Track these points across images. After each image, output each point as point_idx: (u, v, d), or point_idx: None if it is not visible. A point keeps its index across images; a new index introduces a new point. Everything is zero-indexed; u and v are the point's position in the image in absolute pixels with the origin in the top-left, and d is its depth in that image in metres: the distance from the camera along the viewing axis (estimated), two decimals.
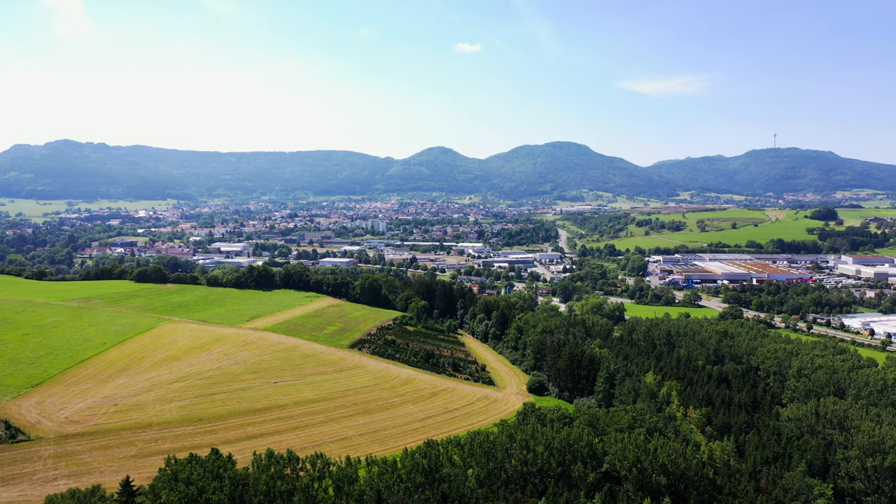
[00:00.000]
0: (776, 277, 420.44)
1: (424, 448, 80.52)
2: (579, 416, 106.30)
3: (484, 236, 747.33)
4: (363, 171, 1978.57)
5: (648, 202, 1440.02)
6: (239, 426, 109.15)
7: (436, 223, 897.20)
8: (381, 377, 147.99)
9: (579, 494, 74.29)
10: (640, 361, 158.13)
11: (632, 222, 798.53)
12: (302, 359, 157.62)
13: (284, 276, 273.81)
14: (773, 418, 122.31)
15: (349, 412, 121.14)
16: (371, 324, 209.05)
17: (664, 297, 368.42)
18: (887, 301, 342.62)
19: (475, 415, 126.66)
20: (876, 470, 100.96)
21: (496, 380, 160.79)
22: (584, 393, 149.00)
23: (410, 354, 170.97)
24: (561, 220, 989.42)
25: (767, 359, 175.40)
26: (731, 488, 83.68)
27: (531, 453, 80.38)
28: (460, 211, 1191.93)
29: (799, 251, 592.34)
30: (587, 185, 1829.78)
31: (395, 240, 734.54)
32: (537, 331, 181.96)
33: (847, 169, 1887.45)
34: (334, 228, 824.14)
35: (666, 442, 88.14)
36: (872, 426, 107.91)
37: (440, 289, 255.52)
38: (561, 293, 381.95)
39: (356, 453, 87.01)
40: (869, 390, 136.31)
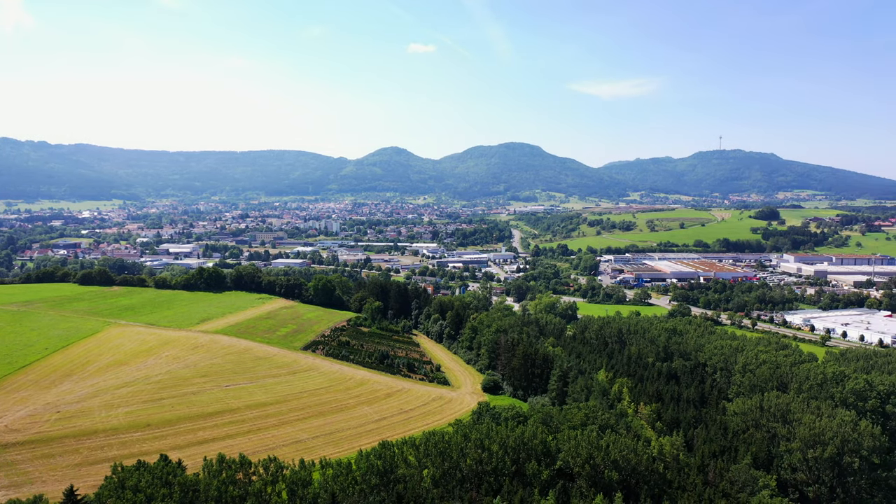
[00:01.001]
0: (722, 276, 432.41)
1: (379, 449, 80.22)
2: (533, 415, 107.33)
3: (438, 237, 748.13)
4: (316, 172, 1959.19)
5: (600, 202, 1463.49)
6: (189, 431, 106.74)
7: (390, 224, 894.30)
8: (335, 379, 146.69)
9: (533, 492, 75.02)
10: (593, 359, 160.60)
11: (584, 222, 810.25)
12: (254, 361, 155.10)
13: (236, 278, 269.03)
14: (720, 413, 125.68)
15: (303, 415, 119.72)
16: (325, 325, 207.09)
17: (615, 296, 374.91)
18: (826, 298, 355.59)
19: (430, 415, 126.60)
20: (816, 461, 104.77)
21: (451, 380, 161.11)
22: (537, 391, 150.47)
23: (365, 355, 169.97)
24: (514, 220, 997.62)
25: (714, 355, 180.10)
26: (681, 482, 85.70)
27: (486, 452, 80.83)
28: (415, 211, 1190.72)
29: (744, 250, 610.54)
30: (540, 185, 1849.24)
31: (349, 240, 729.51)
32: (492, 330, 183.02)
33: (788, 170, 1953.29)
34: (287, 229, 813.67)
35: (618, 438, 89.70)
36: (813, 419, 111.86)
37: (395, 289, 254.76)
38: (515, 293, 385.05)
39: (310, 456, 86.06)
40: (810, 384, 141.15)
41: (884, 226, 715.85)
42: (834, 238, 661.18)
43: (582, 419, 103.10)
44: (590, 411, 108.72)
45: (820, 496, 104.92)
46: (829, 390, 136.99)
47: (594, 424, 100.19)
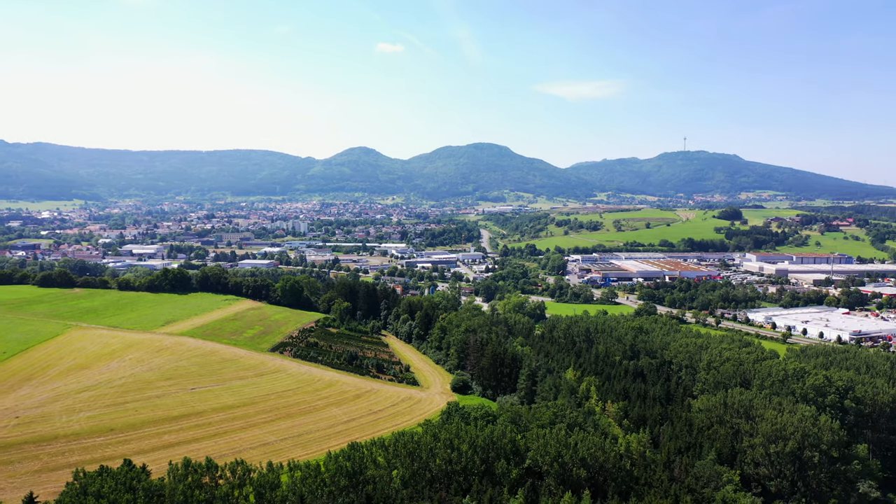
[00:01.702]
0: (687, 275, 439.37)
1: (348, 451, 79.80)
2: (502, 414, 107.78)
3: (407, 237, 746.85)
4: (283, 171, 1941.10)
5: (567, 203, 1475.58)
6: (154, 435, 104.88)
7: (358, 224, 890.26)
8: (303, 380, 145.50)
9: (503, 491, 75.37)
10: (561, 358, 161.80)
11: (552, 222, 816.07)
12: (221, 363, 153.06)
13: (201, 279, 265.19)
14: (686, 410, 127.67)
15: (271, 417, 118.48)
16: (293, 326, 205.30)
17: (583, 295, 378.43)
18: (787, 296, 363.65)
19: (400, 415, 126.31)
20: (778, 455, 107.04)
21: (420, 380, 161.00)
22: (506, 391, 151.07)
23: (333, 356, 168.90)
24: (483, 220, 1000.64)
25: (680, 353, 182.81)
26: (647, 478, 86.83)
27: (455, 452, 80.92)
28: (383, 211, 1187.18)
29: (708, 249, 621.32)
30: (508, 185, 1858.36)
31: (317, 241, 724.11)
32: (461, 330, 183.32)
33: (750, 171, 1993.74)
34: (254, 230, 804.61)
35: (586, 436, 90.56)
36: (775, 414, 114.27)
37: (363, 290, 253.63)
38: (484, 293, 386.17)
39: (278, 458, 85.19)
40: (772, 380, 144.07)
41: (841, 225, 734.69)
42: (794, 237, 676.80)
43: (550, 418, 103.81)
44: (558, 410, 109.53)
45: (782, 490, 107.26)
46: (790, 386, 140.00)
47: (562, 423, 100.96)
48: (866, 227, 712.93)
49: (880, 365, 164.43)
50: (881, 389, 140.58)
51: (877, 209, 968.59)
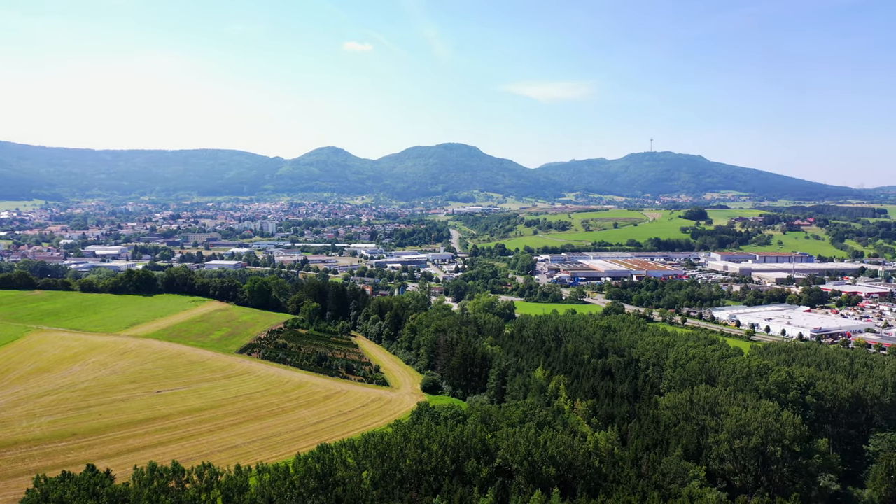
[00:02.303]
0: (654, 274, 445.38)
1: (318, 452, 79.26)
2: (472, 414, 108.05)
3: (377, 237, 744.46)
4: (251, 171, 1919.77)
5: (536, 203, 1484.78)
6: (118, 439, 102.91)
7: (327, 224, 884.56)
8: (272, 382, 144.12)
9: (473, 490, 75.53)
10: (530, 357, 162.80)
11: (521, 222, 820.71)
12: (187, 366, 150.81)
13: (167, 280, 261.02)
14: (653, 407, 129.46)
15: (239, 419, 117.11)
16: (261, 328, 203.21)
17: (552, 295, 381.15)
18: (751, 294, 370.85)
19: (369, 416, 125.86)
20: (743, 451, 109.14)
21: (390, 380, 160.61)
22: (476, 390, 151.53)
23: (302, 358, 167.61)
24: (453, 220, 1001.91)
25: (647, 351, 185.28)
26: (616, 475, 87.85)
27: (426, 452, 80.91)
28: (352, 212, 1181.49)
29: (674, 249, 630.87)
30: (478, 185, 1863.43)
31: (286, 241, 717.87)
32: (430, 330, 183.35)
33: (715, 172, 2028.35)
34: (221, 230, 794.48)
35: (555, 434, 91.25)
36: (739, 410, 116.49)
37: (332, 290, 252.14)
38: (453, 292, 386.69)
39: (246, 461, 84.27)
40: (736, 377, 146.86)
41: (802, 225, 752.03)
42: (757, 237, 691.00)
43: (520, 416, 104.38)
44: (528, 408, 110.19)
45: (746, 485, 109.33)
46: (754, 383, 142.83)
47: (532, 421, 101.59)
48: (826, 227, 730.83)
49: (840, 361, 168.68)
50: (841, 385, 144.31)
51: (836, 209, 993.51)
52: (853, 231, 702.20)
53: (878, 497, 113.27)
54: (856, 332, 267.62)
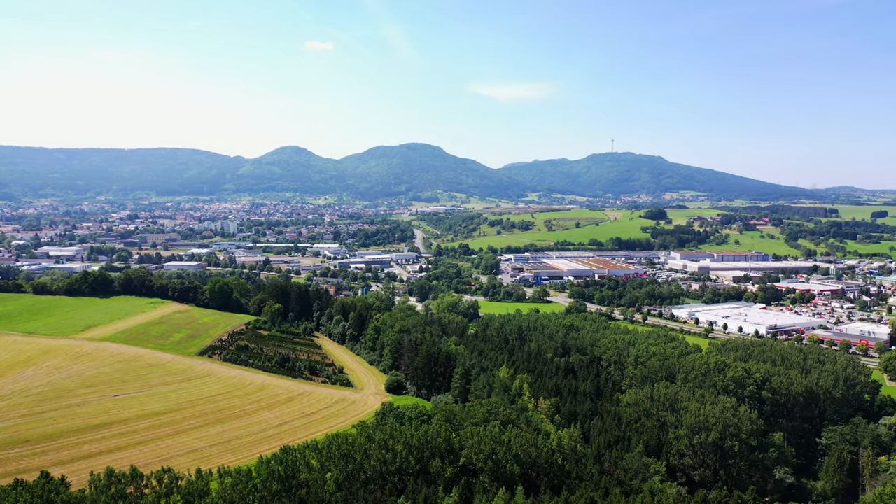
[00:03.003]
0: (615, 273, 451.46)
1: (280, 455, 78.54)
2: (437, 413, 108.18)
3: (340, 237, 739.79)
4: (211, 171, 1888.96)
5: (500, 203, 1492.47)
6: (73, 445, 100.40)
7: (290, 224, 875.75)
8: (233, 384, 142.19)
9: (438, 490, 75.65)
10: (494, 356, 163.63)
11: (484, 222, 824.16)
12: (146, 369, 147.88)
13: (125, 282, 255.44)
14: (615, 404, 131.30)
15: (199, 423, 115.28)
16: (222, 329, 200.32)
17: (515, 294, 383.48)
18: (709, 293, 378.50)
19: (333, 417, 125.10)
20: (702, 446, 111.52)
21: (354, 381, 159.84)
22: (441, 390, 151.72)
23: (265, 359, 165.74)
24: (416, 220, 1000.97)
25: (609, 349, 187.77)
26: (579, 472, 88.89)
27: (390, 452, 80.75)
28: (315, 212, 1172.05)
29: (635, 248, 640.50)
30: (441, 185, 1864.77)
31: (247, 242, 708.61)
32: (395, 330, 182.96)
33: (674, 173, 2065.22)
34: (180, 230, 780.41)
35: (519, 433, 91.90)
36: (698, 406, 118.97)
37: (295, 291, 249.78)
38: (418, 292, 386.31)
39: (207, 465, 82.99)
40: (695, 374, 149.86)
41: (758, 224, 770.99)
42: (715, 236, 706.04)
43: (484, 415, 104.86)
44: (492, 407, 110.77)
45: (705, 479, 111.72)
46: (712, 379, 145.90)
47: (496, 420, 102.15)
48: (781, 226, 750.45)
49: (794, 357, 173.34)
50: (795, 380, 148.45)
51: (790, 209, 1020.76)
52: (806, 230, 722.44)
53: (830, 488, 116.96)
54: (809, 329, 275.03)
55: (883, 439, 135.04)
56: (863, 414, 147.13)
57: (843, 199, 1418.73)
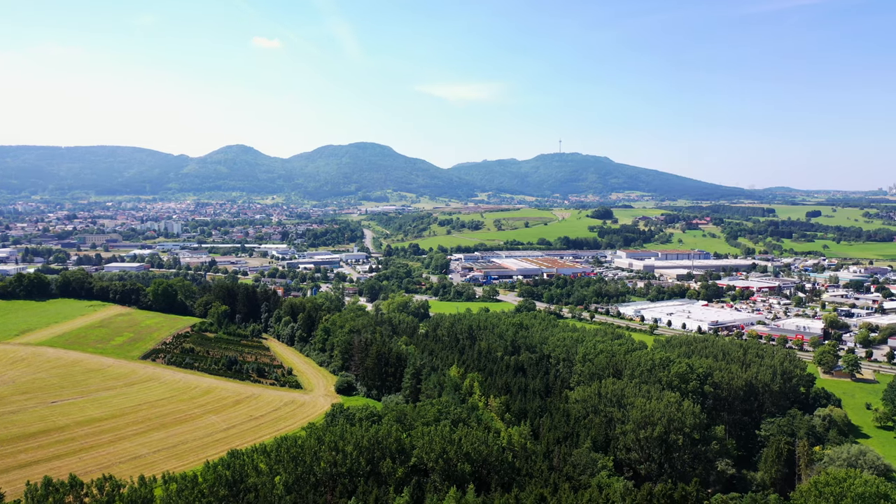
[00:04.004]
0: (564, 272, 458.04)
1: (228, 459, 77.20)
2: (387, 413, 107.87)
3: (288, 237, 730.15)
4: (154, 170, 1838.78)
5: (450, 203, 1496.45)
6: (8, 454, 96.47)
7: (237, 224, 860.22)
8: (178, 388, 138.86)
9: (388, 490, 75.47)
10: (445, 356, 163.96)
11: (434, 222, 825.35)
12: (85, 374, 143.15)
13: (62, 284, 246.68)
14: (563, 401, 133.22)
15: (142, 428, 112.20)
16: (166, 332, 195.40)
17: (466, 294, 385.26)
18: (654, 290, 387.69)
19: (282, 420, 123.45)
20: (647, 440, 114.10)
21: (303, 383, 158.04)
22: (391, 390, 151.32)
23: (211, 362, 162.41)
24: (366, 220, 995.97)
25: (557, 347, 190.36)
26: (528, 469, 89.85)
27: (340, 454, 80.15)
28: (263, 211, 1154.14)
29: (582, 247, 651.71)
30: (391, 185, 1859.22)
31: (192, 242, 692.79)
32: (345, 331, 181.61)
33: (620, 173, 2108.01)
34: (122, 231, 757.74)
35: (469, 431, 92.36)
36: (644, 401, 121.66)
37: (242, 292, 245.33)
38: (368, 293, 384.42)
39: (151, 472, 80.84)
40: (641, 370, 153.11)
41: (700, 224, 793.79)
42: (660, 235, 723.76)
43: (435, 415, 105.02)
44: (442, 406, 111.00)
45: (650, 472, 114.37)
46: (658, 375, 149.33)
47: (447, 419, 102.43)
48: (721, 226, 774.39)
49: (734, 352, 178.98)
50: (735, 375, 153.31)
51: (730, 209, 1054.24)
52: (746, 229, 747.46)
53: (768, 479, 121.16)
54: (748, 325, 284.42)
55: (817, 430, 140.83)
56: (799, 406, 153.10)
57: (780, 200, 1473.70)
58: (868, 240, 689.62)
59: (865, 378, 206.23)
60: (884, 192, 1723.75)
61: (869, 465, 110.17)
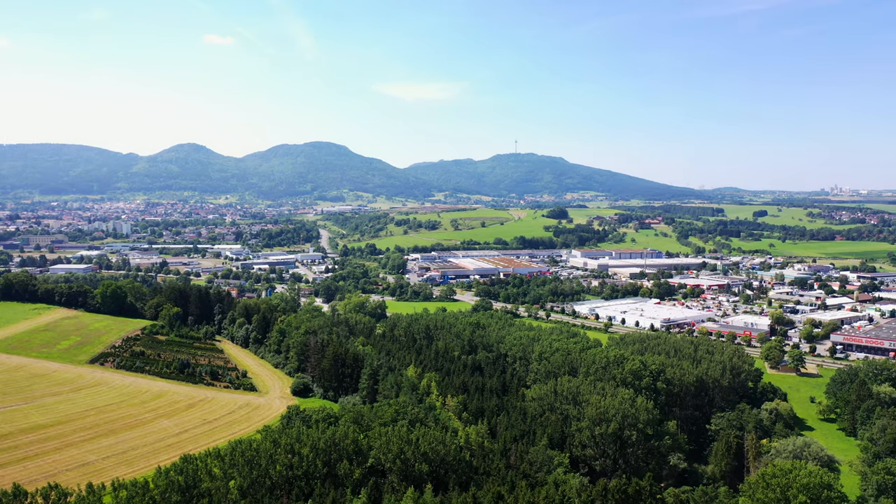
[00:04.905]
0: (520, 271, 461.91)
1: (180, 464, 75.64)
2: (344, 415, 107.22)
3: (242, 238, 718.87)
4: (102, 168, 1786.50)
5: (406, 202, 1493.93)
6: None
7: (189, 224, 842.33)
8: (128, 393, 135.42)
9: (346, 492, 74.99)
10: (402, 356, 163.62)
11: (391, 222, 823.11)
12: (29, 379, 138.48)
13: (4, 287, 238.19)
14: (520, 399, 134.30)
15: (90, 434, 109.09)
16: (115, 335, 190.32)
17: (423, 293, 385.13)
18: (608, 289, 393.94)
19: (237, 423, 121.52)
20: (602, 436, 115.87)
21: (259, 385, 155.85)
22: (348, 391, 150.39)
23: (163, 366, 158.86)
24: (322, 220, 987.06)
25: (514, 346, 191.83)
26: (486, 468, 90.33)
27: (296, 456, 79.33)
28: (216, 211, 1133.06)
29: (538, 247, 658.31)
30: (347, 185, 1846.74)
31: (143, 243, 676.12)
32: (300, 332, 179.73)
33: (575, 173, 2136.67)
34: (68, 232, 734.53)
35: (427, 431, 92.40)
36: (599, 398, 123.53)
37: (195, 293, 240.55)
38: (324, 293, 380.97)
39: (100, 479, 78.74)
40: (596, 367, 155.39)
41: (652, 223, 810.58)
42: (613, 234, 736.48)
43: (392, 415, 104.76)
44: (400, 407, 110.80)
45: (605, 468, 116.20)
46: (612, 372, 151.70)
47: (404, 419, 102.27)
48: (673, 225, 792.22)
49: (686, 349, 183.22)
50: (687, 371, 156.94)
51: (681, 209, 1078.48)
52: (696, 229, 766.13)
53: (719, 472, 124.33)
54: (699, 322, 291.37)
55: (765, 423, 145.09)
56: (747, 400, 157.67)
57: (729, 200, 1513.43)
58: (811, 239, 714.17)
59: (810, 372, 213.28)
60: (826, 192, 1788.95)
61: (813, 457, 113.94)
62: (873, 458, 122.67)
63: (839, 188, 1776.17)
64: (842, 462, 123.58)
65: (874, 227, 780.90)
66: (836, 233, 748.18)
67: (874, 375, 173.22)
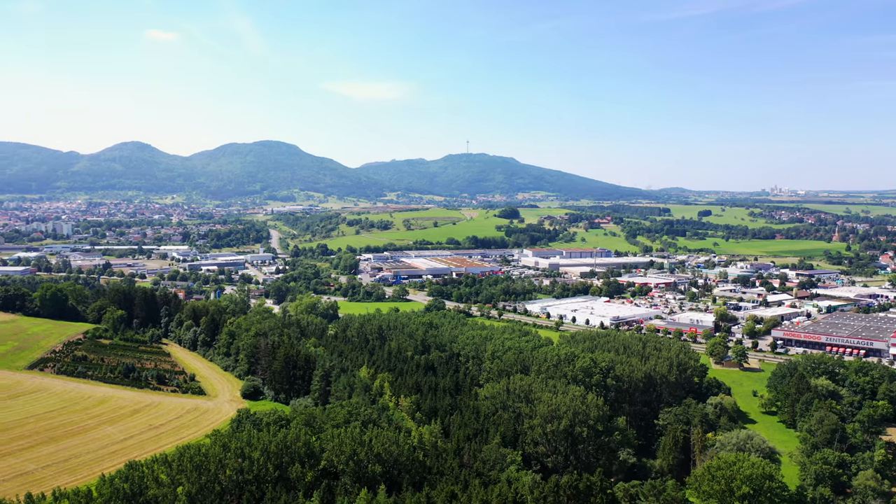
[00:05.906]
0: (472, 271, 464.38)
1: (126, 471, 73.65)
2: (296, 417, 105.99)
3: (190, 238, 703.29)
4: (40, 167, 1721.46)
5: (358, 202, 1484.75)
6: None
7: (134, 225, 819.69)
8: (69, 399, 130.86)
9: (298, 495, 74.17)
10: (355, 357, 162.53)
11: (343, 222, 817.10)
12: None
13: None
14: (473, 398, 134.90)
15: (29, 443, 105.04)
16: (55, 340, 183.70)
17: (375, 294, 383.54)
18: (559, 288, 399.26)
19: (185, 428, 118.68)
20: (554, 434, 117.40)
21: (207, 389, 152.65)
22: (300, 393, 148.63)
23: (106, 370, 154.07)
24: (272, 220, 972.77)
25: (467, 345, 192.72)
26: (439, 467, 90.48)
27: (247, 461, 78.07)
28: (162, 211, 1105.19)
29: (490, 246, 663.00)
30: (298, 185, 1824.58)
31: (85, 244, 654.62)
32: (250, 334, 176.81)
33: (526, 174, 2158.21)
34: (4, 232, 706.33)
35: (380, 432, 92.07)
36: (550, 396, 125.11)
37: (140, 296, 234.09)
38: (275, 294, 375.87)
39: (40, 488, 75.91)
40: (547, 365, 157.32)
41: (602, 223, 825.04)
42: (564, 234, 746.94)
43: (345, 417, 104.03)
44: (353, 408, 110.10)
45: (557, 465, 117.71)
46: (563, 369, 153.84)
47: (357, 420, 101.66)
48: (622, 225, 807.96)
49: (634, 346, 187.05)
50: (636, 367, 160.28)
51: (629, 208, 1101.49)
52: (644, 228, 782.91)
53: (666, 466, 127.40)
54: (647, 319, 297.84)
55: (710, 417, 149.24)
56: (693, 395, 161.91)
57: (675, 200, 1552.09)
58: (753, 238, 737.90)
59: (752, 367, 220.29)
60: (766, 192, 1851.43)
61: (756, 449, 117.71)
62: (812, 448, 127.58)
63: (779, 189, 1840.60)
64: (782, 453, 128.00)
65: (811, 226, 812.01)
66: (777, 232, 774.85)
67: (812, 369, 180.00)
